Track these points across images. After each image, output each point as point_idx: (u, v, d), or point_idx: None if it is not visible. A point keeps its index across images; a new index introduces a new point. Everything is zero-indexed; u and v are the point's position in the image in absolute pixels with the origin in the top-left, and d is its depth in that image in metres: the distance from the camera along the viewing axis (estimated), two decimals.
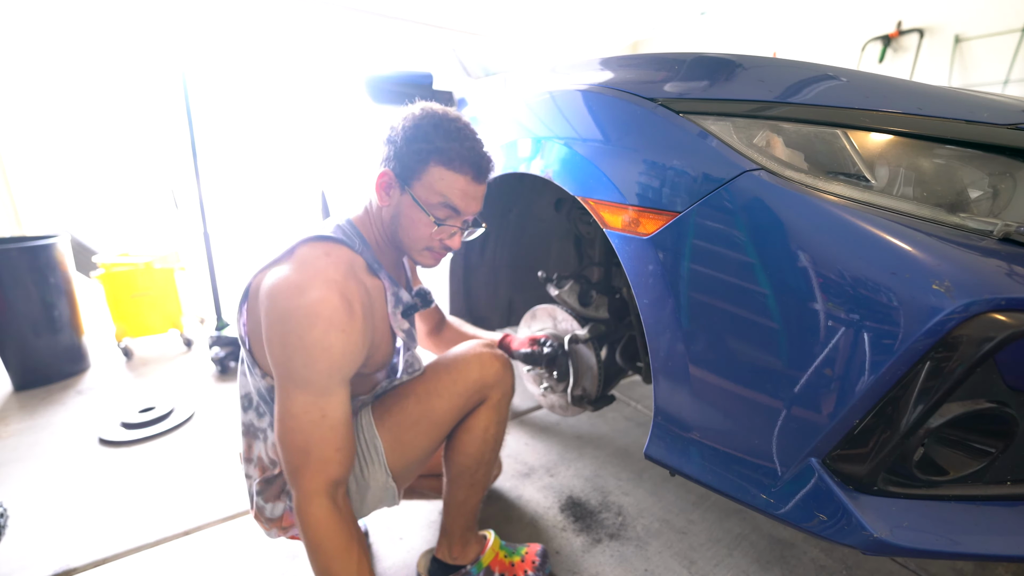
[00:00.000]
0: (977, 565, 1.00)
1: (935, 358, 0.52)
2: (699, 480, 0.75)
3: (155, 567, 1.02)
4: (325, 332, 0.65)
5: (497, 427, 0.89)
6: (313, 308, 0.65)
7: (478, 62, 1.58)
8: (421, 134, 0.75)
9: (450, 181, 0.76)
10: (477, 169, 0.78)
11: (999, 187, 0.57)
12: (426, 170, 0.76)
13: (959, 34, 3.36)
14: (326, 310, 0.65)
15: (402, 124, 0.77)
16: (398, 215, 0.79)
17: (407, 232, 0.80)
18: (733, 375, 0.68)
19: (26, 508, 1.20)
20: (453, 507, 0.92)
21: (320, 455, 0.67)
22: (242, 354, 0.79)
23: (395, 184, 0.78)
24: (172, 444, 1.51)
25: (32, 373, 1.91)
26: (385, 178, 0.78)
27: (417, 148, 0.75)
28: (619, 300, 1.11)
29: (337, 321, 0.66)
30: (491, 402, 0.88)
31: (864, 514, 0.58)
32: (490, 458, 0.90)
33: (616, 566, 1.01)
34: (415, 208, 0.78)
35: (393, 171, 0.77)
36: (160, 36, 3.14)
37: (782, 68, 0.70)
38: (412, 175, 0.77)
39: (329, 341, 0.65)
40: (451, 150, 0.76)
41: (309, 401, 0.66)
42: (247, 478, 0.83)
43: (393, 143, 0.77)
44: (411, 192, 0.77)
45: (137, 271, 2.19)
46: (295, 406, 0.66)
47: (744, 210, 0.63)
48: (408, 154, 0.76)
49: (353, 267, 0.75)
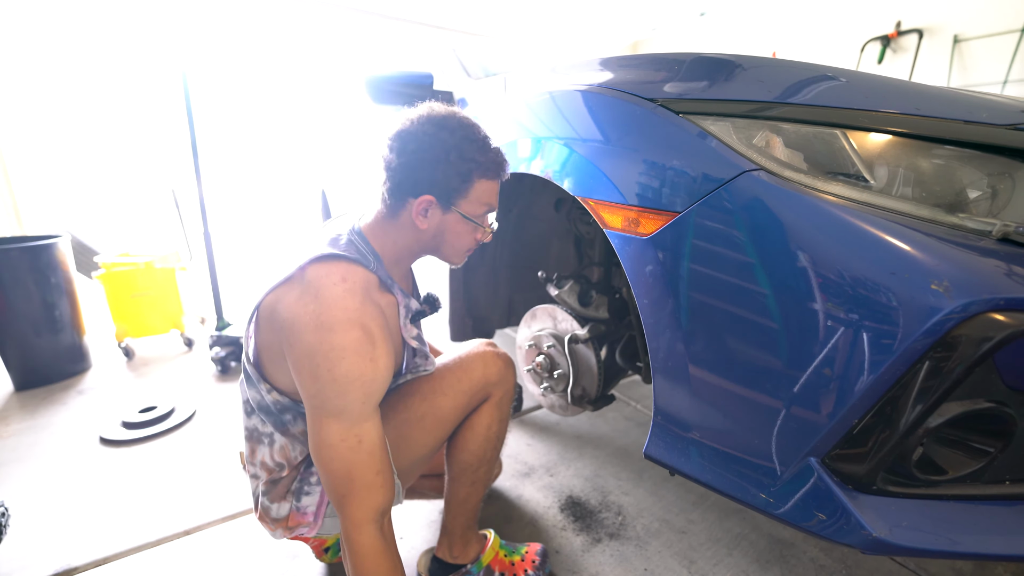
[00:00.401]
0: (976, 564, 1.00)
1: (934, 358, 0.53)
2: (699, 480, 0.75)
3: (156, 567, 1.02)
4: (353, 364, 0.65)
5: (499, 425, 0.91)
6: (339, 343, 0.65)
7: (478, 62, 1.58)
8: (456, 155, 0.74)
9: (490, 188, 0.80)
10: (505, 169, 0.82)
11: (998, 187, 0.57)
12: (471, 187, 0.77)
13: (958, 34, 3.36)
14: (352, 343, 0.66)
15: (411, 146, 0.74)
16: (442, 232, 0.80)
17: (453, 245, 0.81)
18: (733, 375, 0.68)
19: (27, 507, 1.20)
20: (454, 505, 0.93)
21: (363, 481, 0.67)
22: (246, 366, 0.79)
23: (437, 207, 0.77)
24: (173, 444, 1.51)
25: (33, 373, 1.91)
26: (425, 204, 0.76)
27: (457, 170, 0.75)
28: (619, 300, 1.12)
29: (364, 351, 0.66)
30: (494, 400, 0.89)
31: (863, 513, 0.58)
32: (492, 456, 0.91)
33: (616, 565, 1.01)
34: (464, 223, 0.79)
35: (433, 195, 0.76)
36: (161, 36, 3.15)
37: (781, 68, 0.71)
38: (456, 195, 0.77)
39: (359, 371, 0.66)
40: (488, 162, 0.77)
41: (344, 429, 0.67)
42: (252, 479, 0.83)
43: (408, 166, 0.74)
44: (458, 211, 0.78)
45: (138, 271, 2.19)
46: (331, 436, 0.67)
47: (744, 210, 0.63)
48: (447, 176, 0.75)
49: (368, 289, 0.73)
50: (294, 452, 0.80)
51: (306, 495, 0.80)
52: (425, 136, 0.75)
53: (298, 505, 0.80)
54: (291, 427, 0.79)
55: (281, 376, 0.75)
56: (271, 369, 0.75)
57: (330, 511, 0.81)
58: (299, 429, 0.79)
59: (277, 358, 0.73)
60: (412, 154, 0.75)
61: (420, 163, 0.75)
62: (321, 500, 0.80)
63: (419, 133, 0.75)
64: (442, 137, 0.75)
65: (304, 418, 0.78)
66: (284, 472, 0.80)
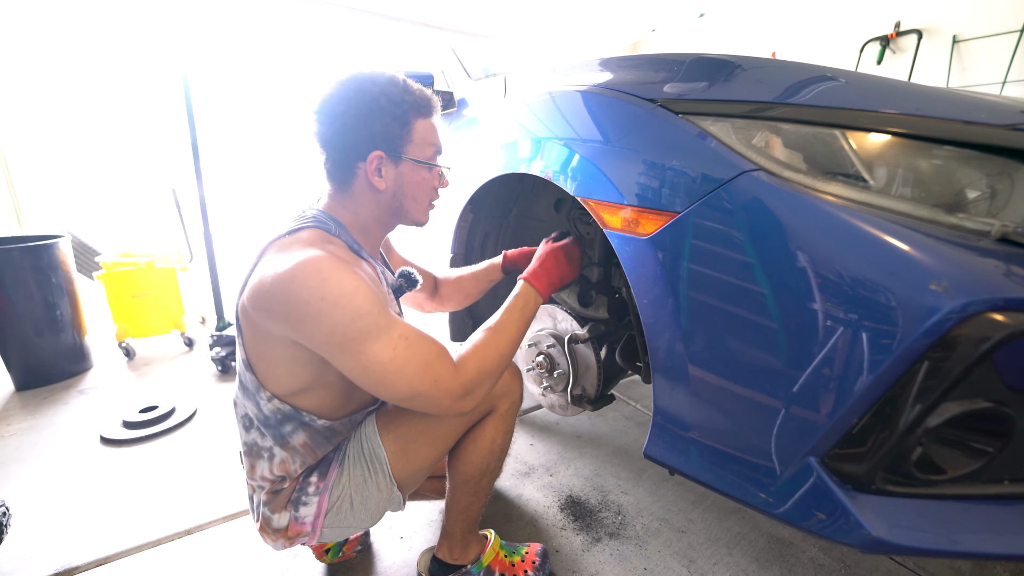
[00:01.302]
0: (975, 564, 1.00)
1: (933, 358, 0.53)
2: (698, 479, 0.75)
3: (156, 566, 1.03)
4: (338, 282, 0.63)
5: (504, 437, 0.88)
6: (313, 274, 0.62)
7: (478, 63, 1.59)
8: (387, 101, 0.74)
9: (429, 127, 0.79)
10: (435, 104, 0.80)
11: (997, 187, 0.57)
12: (412, 129, 0.76)
13: (957, 35, 3.36)
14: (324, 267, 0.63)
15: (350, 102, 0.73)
16: (401, 187, 0.78)
17: (414, 197, 0.80)
18: (732, 375, 0.68)
19: (28, 507, 1.21)
20: (455, 511, 0.91)
21: (438, 355, 0.68)
22: (242, 376, 0.76)
23: (388, 161, 0.76)
24: (173, 443, 1.51)
25: (34, 373, 1.91)
26: (375, 161, 0.75)
27: (393, 115, 0.74)
28: (619, 300, 1.12)
29: (339, 272, 0.64)
30: (499, 412, 0.86)
31: (862, 513, 0.58)
32: (495, 467, 0.89)
33: (616, 565, 1.01)
34: (419, 169, 0.78)
35: (380, 150, 0.75)
36: (161, 36, 3.15)
37: (781, 69, 0.71)
38: (401, 142, 0.76)
39: (348, 286, 0.63)
40: (418, 100, 0.76)
41: (385, 341, 0.64)
42: (254, 490, 0.80)
43: (355, 123, 0.73)
44: (409, 158, 0.77)
45: (138, 271, 2.19)
46: (381, 353, 0.64)
47: (743, 210, 0.63)
48: (386, 125, 0.74)
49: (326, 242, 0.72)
50: (294, 465, 0.78)
51: (304, 505, 0.78)
52: (349, 94, 0.74)
53: (296, 515, 0.78)
54: (291, 439, 0.76)
55: (279, 375, 0.72)
56: (266, 370, 0.73)
57: (328, 521, 0.79)
58: (300, 441, 0.77)
59: (269, 352, 0.71)
60: (343, 115, 0.74)
61: (355, 122, 0.73)
62: (319, 511, 0.78)
63: (342, 93, 0.74)
64: (365, 89, 0.74)
65: (304, 429, 0.76)
66: (285, 484, 0.78)
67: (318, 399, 0.76)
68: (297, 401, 0.75)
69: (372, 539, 1.09)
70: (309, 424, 0.76)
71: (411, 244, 1.64)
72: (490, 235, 1.40)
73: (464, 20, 4.76)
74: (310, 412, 0.76)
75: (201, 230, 2.19)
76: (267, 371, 0.73)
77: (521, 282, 0.87)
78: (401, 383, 0.66)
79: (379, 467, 0.79)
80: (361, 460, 0.80)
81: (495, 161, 1.10)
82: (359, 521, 0.81)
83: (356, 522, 0.81)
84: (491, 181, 1.14)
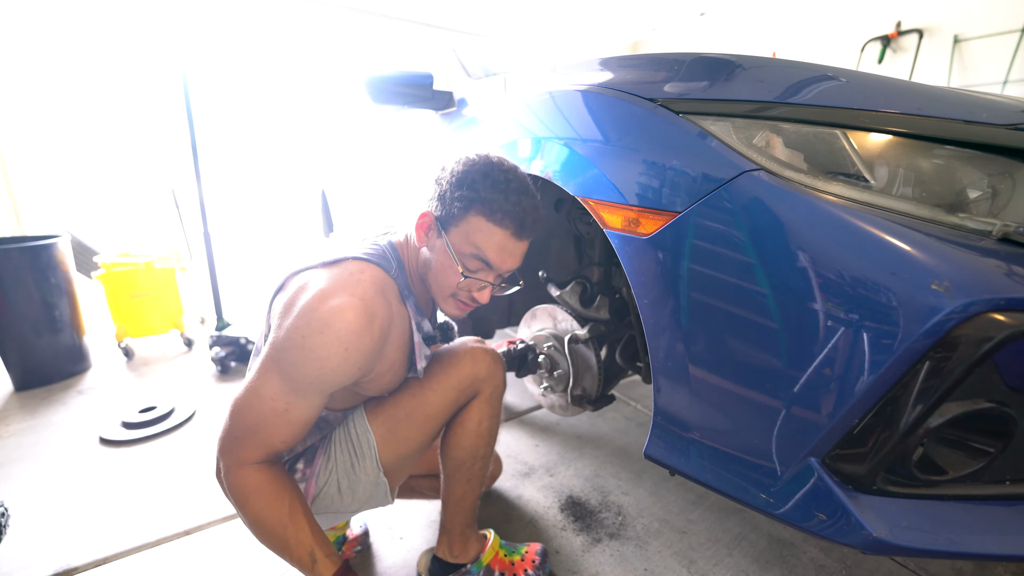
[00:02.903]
0: (976, 564, 1.00)
1: (934, 358, 0.53)
2: (699, 480, 0.75)
3: (156, 567, 1.02)
4: (328, 343, 0.65)
5: (490, 420, 0.89)
6: (326, 316, 0.65)
7: (478, 62, 1.58)
8: (468, 180, 0.75)
9: (487, 233, 0.75)
10: (520, 224, 0.75)
11: (998, 187, 0.57)
12: (466, 218, 0.75)
13: (958, 34, 3.36)
14: (338, 323, 0.65)
15: (452, 167, 0.77)
16: (431, 258, 0.80)
17: (436, 277, 0.80)
18: (733, 375, 0.68)
19: (27, 507, 1.20)
20: (451, 504, 0.92)
21: (266, 438, 0.68)
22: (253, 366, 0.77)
23: (434, 227, 0.78)
24: (173, 444, 1.51)
25: (33, 373, 1.91)
26: (426, 219, 0.78)
27: (461, 195, 0.75)
28: (619, 300, 1.12)
29: (344, 337, 0.66)
30: (483, 396, 0.88)
31: (863, 514, 0.58)
32: (485, 452, 0.91)
33: (616, 565, 1.01)
34: (446, 255, 0.77)
35: (434, 213, 0.78)
36: (161, 36, 3.15)
37: (781, 68, 0.71)
38: (451, 221, 0.77)
39: (328, 352, 0.65)
40: (494, 201, 0.74)
41: (282, 391, 0.67)
42: None
43: (439, 185, 0.78)
44: (447, 238, 0.77)
45: (137, 271, 2.19)
46: (266, 389, 0.67)
47: (744, 210, 0.63)
48: (452, 199, 0.76)
49: (385, 290, 0.74)
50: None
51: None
52: (462, 162, 0.77)
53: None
54: None
55: None
56: None
57: (315, 507, 0.80)
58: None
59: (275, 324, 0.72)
60: (442, 172, 0.78)
61: (440, 180, 0.78)
62: (306, 496, 0.79)
63: (461, 159, 0.78)
64: (477, 168, 0.76)
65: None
66: None
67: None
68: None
69: (372, 539, 1.08)
70: None
71: None
72: None
73: (464, 20, 4.76)
74: None
75: (200, 230, 2.19)
76: None
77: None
78: (238, 408, 0.67)
79: (367, 451, 0.81)
80: (348, 445, 0.81)
81: None
82: (347, 505, 0.83)
83: (344, 506, 0.83)
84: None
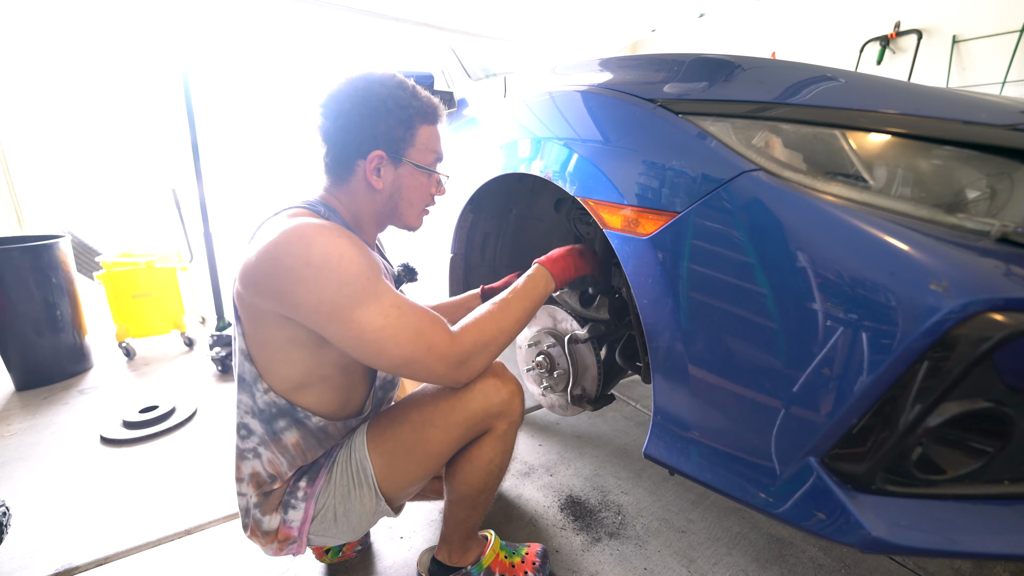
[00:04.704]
0: (975, 564, 1.00)
1: (933, 358, 0.53)
2: (698, 479, 0.75)
3: (156, 566, 1.03)
4: (331, 248, 0.62)
5: (502, 457, 0.83)
6: (316, 239, 0.62)
7: (478, 63, 1.59)
8: (394, 103, 0.74)
9: (433, 133, 0.80)
10: (441, 112, 0.81)
11: (996, 188, 0.57)
12: (416, 134, 0.77)
13: (957, 35, 3.36)
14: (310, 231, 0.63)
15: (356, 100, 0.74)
16: (398, 189, 0.79)
17: (409, 201, 0.80)
18: (732, 375, 0.68)
19: (28, 507, 1.21)
20: (453, 523, 0.89)
21: (431, 323, 0.67)
22: (243, 366, 0.74)
23: (388, 162, 0.77)
24: (173, 443, 1.51)
25: (34, 373, 1.91)
26: (376, 161, 0.75)
27: (398, 118, 0.75)
28: (619, 300, 1.12)
29: (327, 234, 0.63)
30: (496, 432, 0.81)
31: (862, 513, 0.58)
32: (493, 485, 0.85)
33: (616, 565, 1.01)
34: (417, 174, 0.78)
35: (382, 150, 0.75)
36: (161, 36, 3.15)
37: (781, 69, 0.71)
38: (404, 145, 0.76)
39: (340, 251, 0.62)
40: (425, 106, 0.77)
41: (377, 308, 0.63)
42: (239, 496, 0.79)
43: (360, 121, 0.74)
44: (410, 162, 0.77)
45: (139, 271, 2.20)
46: (372, 320, 0.62)
47: (743, 210, 0.63)
48: (390, 127, 0.74)
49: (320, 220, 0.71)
50: (282, 467, 0.77)
51: (292, 508, 0.77)
52: (357, 93, 0.74)
53: (285, 518, 0.77)
54: (283, 436, 0.75)
55: (277, 364, 0.72)
56: (266, 359, 0.72)
57: (313, 528, 0.78)
58: (291, 440, 0.76)
59: (265, 336, 0.70)
60: (348, 113, 0.74)
61: (360, 120, 0.74)
62: (305, 516, 0.77)
63: (350, 91, 0.75)
64: (374, 89, 0.74)
65: (298, 427, 0.75)
66: (276, 484, 0.77)
67: (316, 396, 0.76)
68: (294, 397, 0.74)
69: (372, 539, 1.09)
70: (303, 422, 0.76)
71: (412, 246, 1.64)
72: (490, 235, 1.40)
73: (464, 20, 4.76)
74: (306, 409, 0.75)
75: (201, 230, 2.19)
76: (266, 360, 0.72)
77: (535, 265, 0.87)
78: (395, 350, 0.64)
79: (365, 480, 0.77)
80: (348, 471, 0.78)
81: (495, 161, 1.11)
82: (341, 533, 0.80)
83: (339, 533, 0.80)
84: (491, 181, 1.14)
